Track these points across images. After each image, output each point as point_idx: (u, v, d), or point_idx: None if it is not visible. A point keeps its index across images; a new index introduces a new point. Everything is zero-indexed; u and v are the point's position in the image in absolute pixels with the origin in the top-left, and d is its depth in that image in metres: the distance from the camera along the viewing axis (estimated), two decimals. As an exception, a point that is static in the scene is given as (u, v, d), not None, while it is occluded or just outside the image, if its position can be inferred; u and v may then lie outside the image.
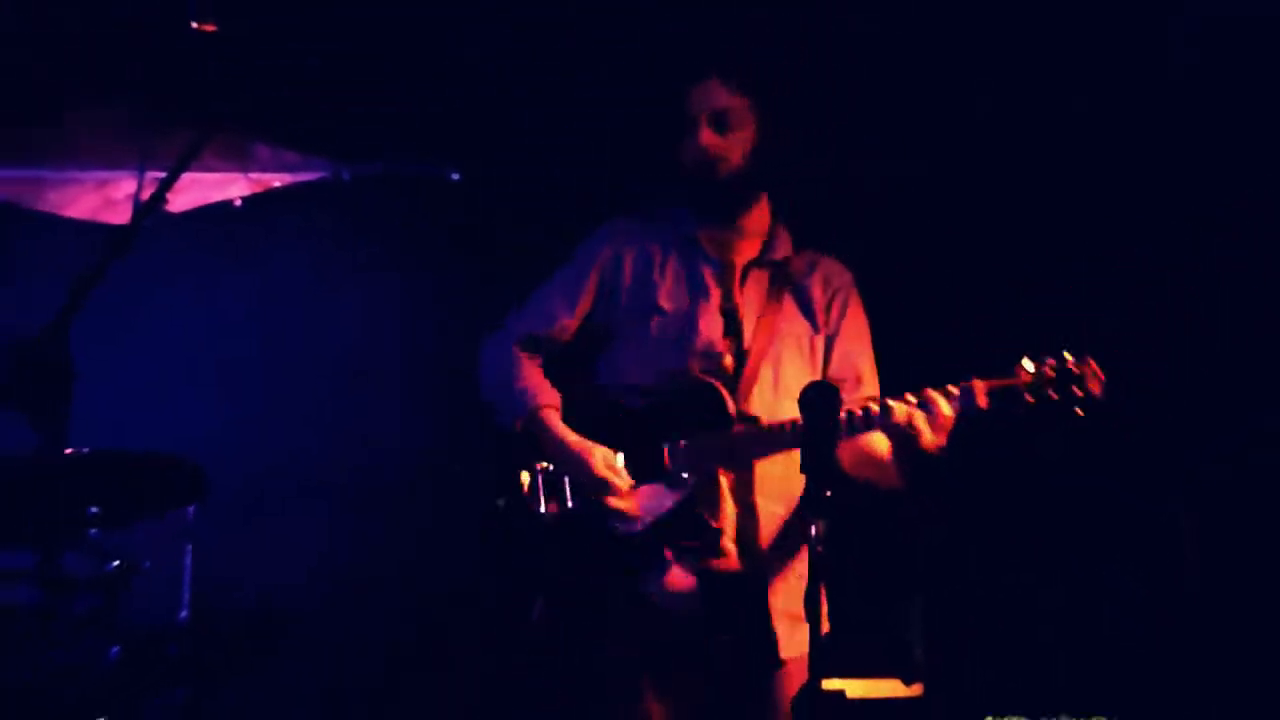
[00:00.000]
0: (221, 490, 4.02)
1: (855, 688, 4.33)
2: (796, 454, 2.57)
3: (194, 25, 2.97)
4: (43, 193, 4.92)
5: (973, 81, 4.23)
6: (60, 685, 3.67)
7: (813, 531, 4.38)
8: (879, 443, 3.00)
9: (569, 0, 4.24)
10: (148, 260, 3.39)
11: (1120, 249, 4.15)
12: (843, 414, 2.81)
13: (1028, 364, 2.81)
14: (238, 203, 4.90)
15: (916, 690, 4.31)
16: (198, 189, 4.80)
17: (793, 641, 2.93)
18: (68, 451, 3.47)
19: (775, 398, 3.01)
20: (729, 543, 2.90)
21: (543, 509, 3.03)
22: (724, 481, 2.90)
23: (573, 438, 3.03)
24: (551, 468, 3.07)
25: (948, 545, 4.55)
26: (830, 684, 4.32)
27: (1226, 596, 4.24)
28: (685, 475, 2.89)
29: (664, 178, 3.17)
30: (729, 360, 2.95)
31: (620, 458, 3.00)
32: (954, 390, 2.84)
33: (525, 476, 3.09)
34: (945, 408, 2.79)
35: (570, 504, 3.03)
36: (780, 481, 2.95)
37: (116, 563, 3.89)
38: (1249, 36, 3.83)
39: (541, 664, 3.79)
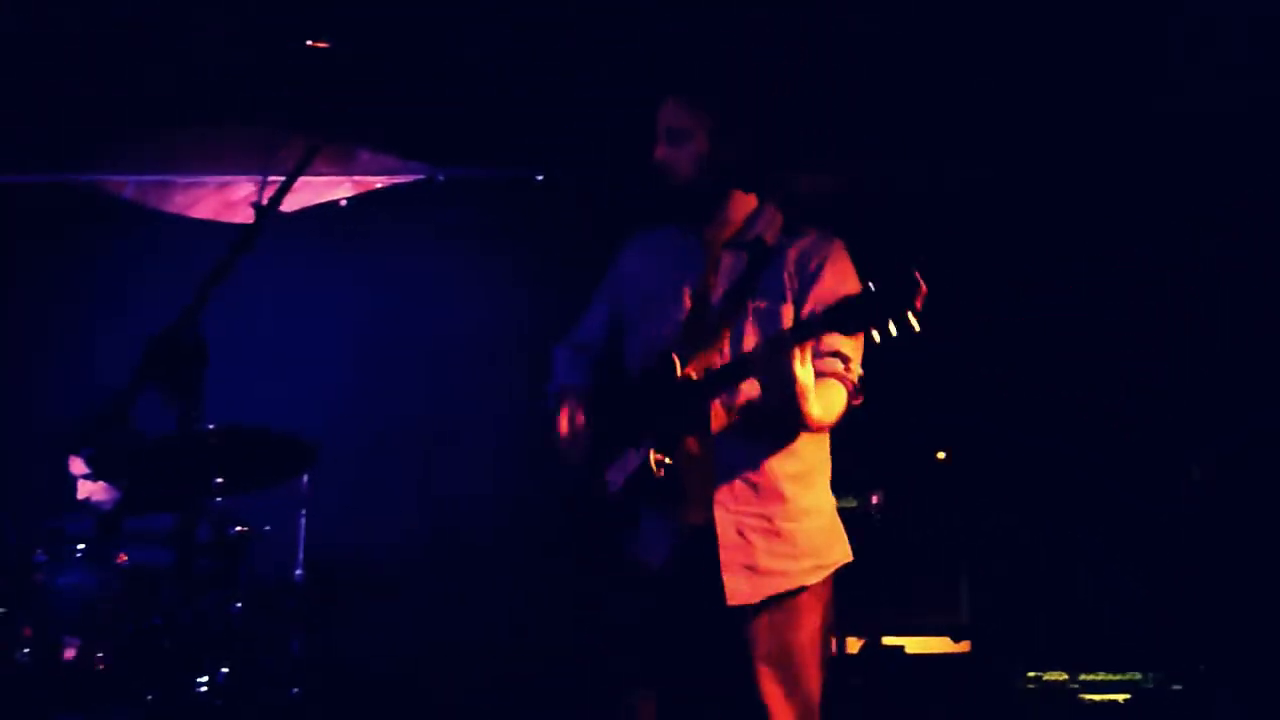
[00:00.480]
0: (331, 460, 4.40)
1: (909, 645, 4.57)
2: (752, 410, 2.83)
3: (309, 44, 3.15)
4: (171, 196, 5.39)
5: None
6: (190, 636, 4.04)
7: (874, 501, 4.70)
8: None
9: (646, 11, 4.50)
10: (264, 255, 3.76)
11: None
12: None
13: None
14: (343, 203, 5.31)
15: (964, 647, 4.55)
16: (308, 191, 5.23)
17: (740, 591, 2.94)
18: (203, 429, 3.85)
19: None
20: (695, 498, 3.01)
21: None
22: (688, 442, 3.02)
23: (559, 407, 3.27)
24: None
25: (991, 508, 4.72)
26: (889, 640, 4.57)
27: (1264, 554, 4.36)
28: (646, 435, 3.01)
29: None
30: (697, 335, 3.07)
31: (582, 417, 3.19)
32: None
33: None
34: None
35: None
36: (735, 437, 3.01)
37: (239, 527, 4.33)
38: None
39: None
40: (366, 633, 4.90)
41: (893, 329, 2.65)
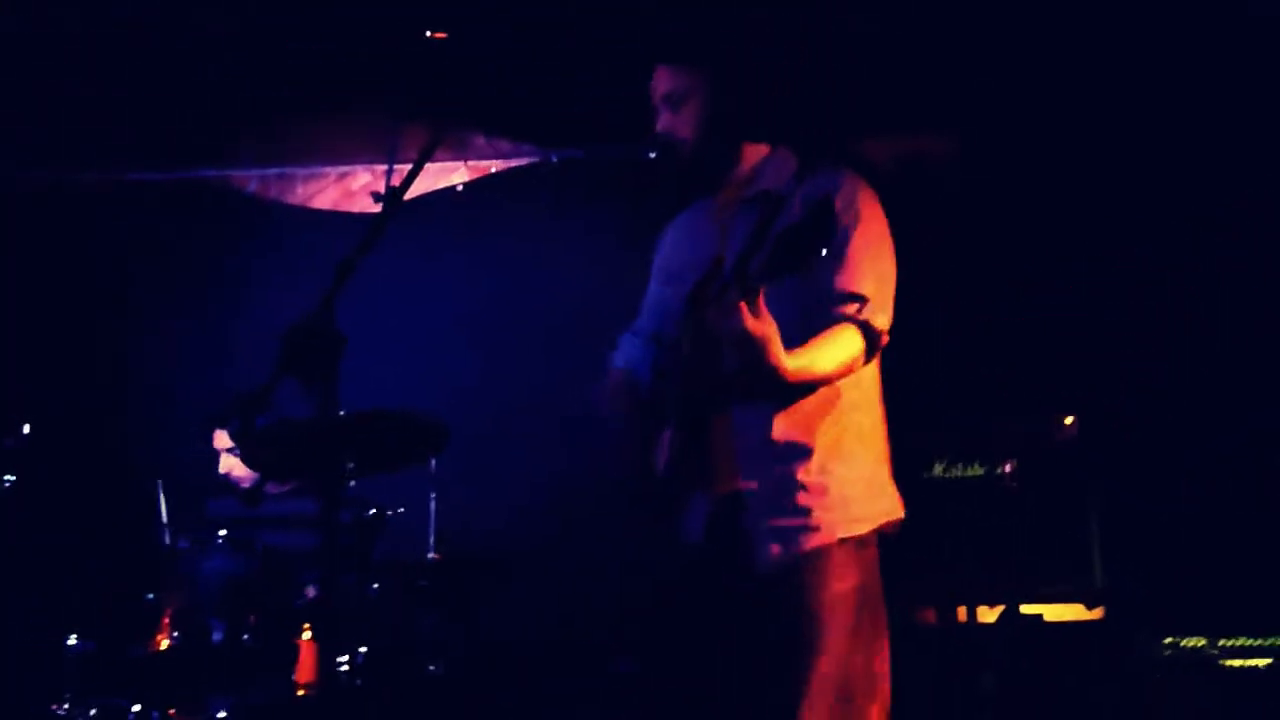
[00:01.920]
0: (456, 443, 4.45)
1: (1044, 613, 4.52)
2: (767, 377, 2.62)
3: (428, 34, 3.20)
4: (293, 188, 5.52)
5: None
6: (328, 615, 4.14)
7: (1006, 469, 4.64)
8: None
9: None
10: (383, 242, 3.83)
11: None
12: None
13: None
14: (459, 188, 5.40)
15: (1098, 614, 4.47)
16: (424, 178, 5.27)
17: (767, 556, 2.85)
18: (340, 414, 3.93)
19: None
20: (721, 468, 2.91)
21: None
22: (714, 417, 2.92)
23: None
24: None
25: (1124, 470, 4.63)
26: (1027, 609, 4.53)
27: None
28: (669, 408, 2.96)
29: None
30: (713, 293, 2.87)
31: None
32: None
33: None
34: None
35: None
36: (749, 401, 2.90)
37: (373, 510, 4.44)
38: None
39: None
40: (496, 612, 4.95)
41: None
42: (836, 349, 2.79)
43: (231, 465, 4.97)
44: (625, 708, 5.06)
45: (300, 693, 4.14)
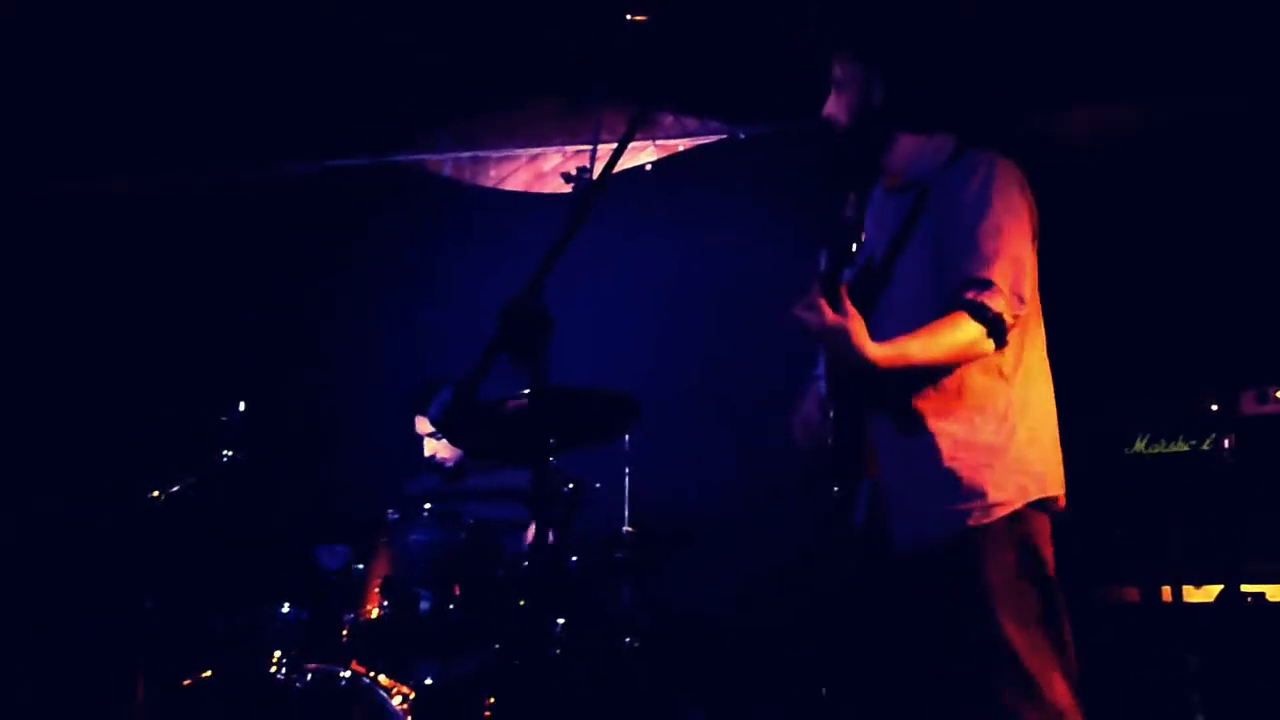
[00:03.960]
0: (648, 418, 4.54)
1: (1267, 592, 4.38)
2: (856, 367, 2.71)
3: (628, 17, 3.26)
4: (486, 170, 5.65)
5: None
6: (530, 586, 4.23)
7: (1226, 445, 4.49)
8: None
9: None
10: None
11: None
12: None
13: None
14: (648, 167, 5.45)
15: None
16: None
17: (903, 537, 2.90)
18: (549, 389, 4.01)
19: (892, 319, 2.94)
20: (870, 453, 2.98)
21: None
22: (863, 404, 2.98)
23: None
24: None
25: None
26: (1248, 588, 4.39)
27: None
28: (826, 400, 3.04)
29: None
30: (861, 302, 2.90)
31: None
32: None
33: None
34: None
35: None
36: (887, 386, 2.91)
37: (571, 485, 4.53)
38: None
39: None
40: (689, 584, 5.03)
41: None
42: (940, 335, 2.80)
43: (435, 448, 5.12)
44: (807, 686, 5.11)
45: (501, 661, 4.25)
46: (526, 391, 3.26)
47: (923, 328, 2.82)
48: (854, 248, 2.87)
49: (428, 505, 4.46)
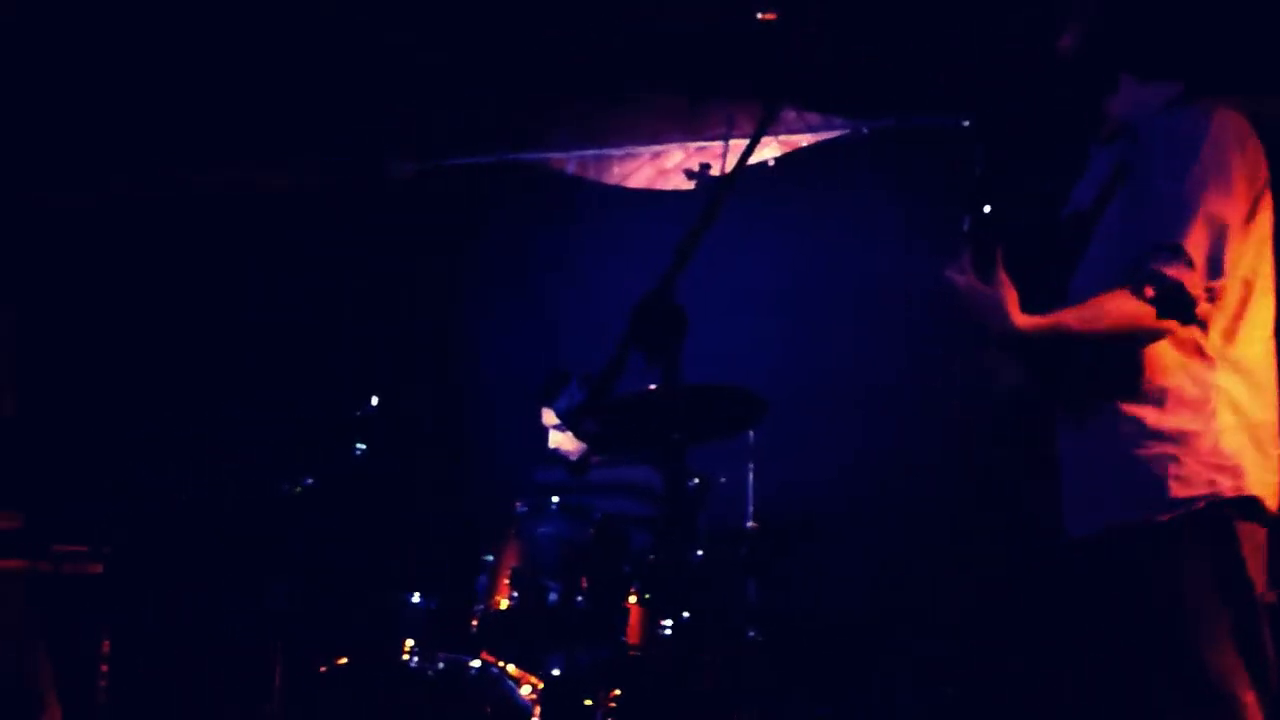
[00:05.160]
0: (772, 414, 4.55)
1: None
2: (1000, 336, 2.53)
3: (759, 16, 3.26)
4: (609, 168, 5.71)
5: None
6: (656, 582, 4.32)
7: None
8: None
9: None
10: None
11: None
12: None
13: None
14: (771, 163, 5.45)
15: None
16: (736, 154, 5.41)
17: (1075, 522, 2.72)
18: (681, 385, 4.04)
19: (1085, 281, 2.71)
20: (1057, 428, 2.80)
21: None
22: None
23: None
24: None
25: None
26: None
27: None
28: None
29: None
30: (1067, 249, 2.73)
31: None
32: None
33: None
34: None
35: None
36: (1075, 371, 2.70)
37: (696, 480, 4.56)
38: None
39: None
40: (813, 580, 5.01)
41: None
42: (1105, 308, 2.53)
43: (560, 441, 5.19)
44: (934, 685, 5.07)
45: (628, 654, 4.30)
46: (653, 387, 3.29)
47: (1093, 298, 2.55)
48: (986, 209, 2.73)
49: (555, 498, 4.52)
